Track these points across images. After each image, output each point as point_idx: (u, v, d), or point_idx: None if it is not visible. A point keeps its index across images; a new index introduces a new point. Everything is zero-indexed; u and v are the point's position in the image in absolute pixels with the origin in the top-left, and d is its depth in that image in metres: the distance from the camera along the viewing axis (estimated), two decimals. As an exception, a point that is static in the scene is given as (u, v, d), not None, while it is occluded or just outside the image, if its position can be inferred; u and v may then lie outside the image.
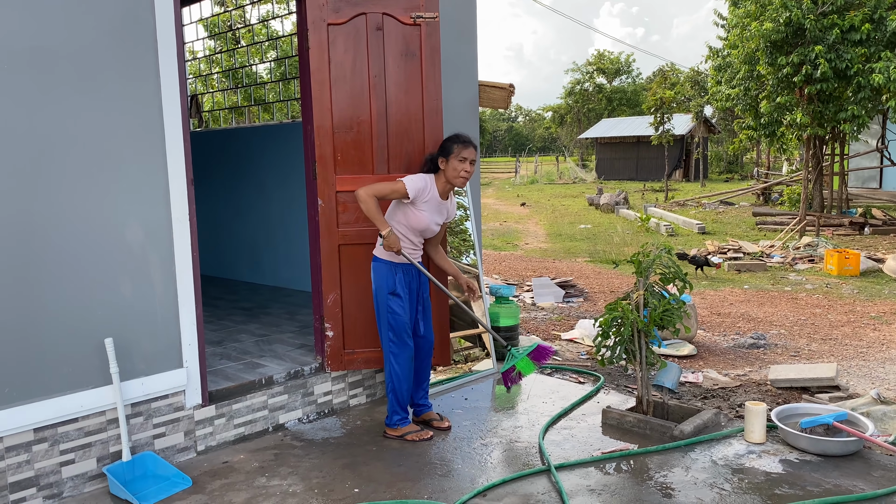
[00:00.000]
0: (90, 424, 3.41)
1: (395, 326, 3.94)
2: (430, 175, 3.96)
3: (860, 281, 9.31)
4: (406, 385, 4.02)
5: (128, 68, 3.44)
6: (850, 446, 3.68)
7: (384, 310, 3.95)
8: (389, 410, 4.04)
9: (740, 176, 34.81)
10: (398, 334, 3.95)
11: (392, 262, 3.93)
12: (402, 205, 3.90)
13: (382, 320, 3.98)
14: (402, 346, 3.97)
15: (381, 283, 3.95)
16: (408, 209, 3.89)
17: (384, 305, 3.94)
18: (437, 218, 3.97)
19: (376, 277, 3.98)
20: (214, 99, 9.85)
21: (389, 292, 3.92)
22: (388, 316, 3.94)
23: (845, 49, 12.90)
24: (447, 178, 3.92)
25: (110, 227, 3.42)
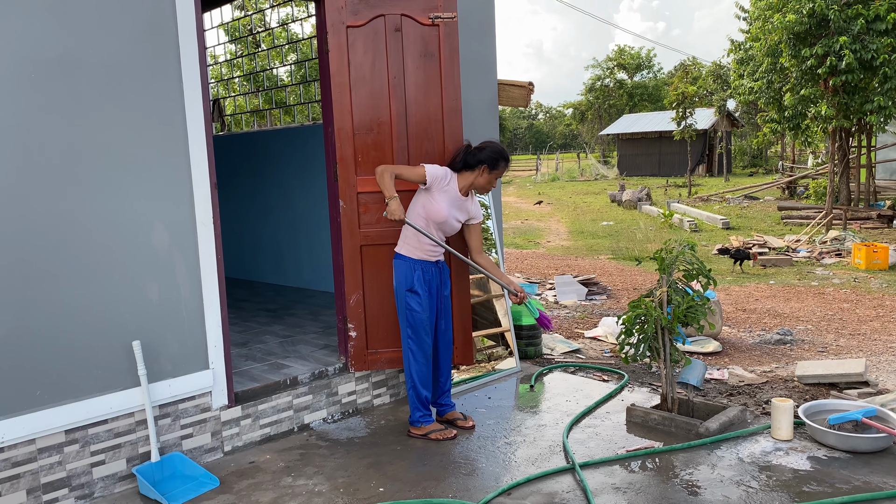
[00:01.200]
0: (119, 426, 3.47)
1: (414, 323, 3.96)
2: (451, 171, 3.99)
3: (889, 275, 9.16)
4: (426, 382, 4.04)
5: (151, 75, 3.49)
6: (879, 443, 3.63)
7: (402, 307, 3.98)
8: (411, 408, 4.06)
9: (765, 170, 34.40)
10: (416, 331, 3.97)
11: (412, 259, 3.95)
12: (422, 194, 3.94)
13: (402, 317, 4.01)
14: (421, 344, 3.99)
15: (400, 280, 3.98)
16: (427, 198, 3.92)
17: (402, 302, 3.98)
18: (456, 213, 3.98)
19: (396, 274, 4.02)
20: (236, 102, 9.95)
21: (408, 289, 3.95)
22: (406, 313, 3.97)
23: (870, 39, 12.71)
24: (476, 183, 3.99)
25: (136, 230, 3.47)
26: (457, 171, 3.99)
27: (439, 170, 3.94)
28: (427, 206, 3.92)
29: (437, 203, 3.91)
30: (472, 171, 3.97)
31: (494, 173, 3.98)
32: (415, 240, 3.96)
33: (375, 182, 4.24)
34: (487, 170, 3.95)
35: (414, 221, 3.92)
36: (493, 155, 3.95)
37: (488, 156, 3.95)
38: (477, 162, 3.95)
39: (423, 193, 3.95)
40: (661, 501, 3.21)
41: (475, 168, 3.96)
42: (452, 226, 4.01)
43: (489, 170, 3.96)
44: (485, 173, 3.96)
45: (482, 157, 3.95)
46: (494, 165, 3.96)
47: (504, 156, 3.99)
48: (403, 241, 4.01)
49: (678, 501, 3.20)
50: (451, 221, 3.98)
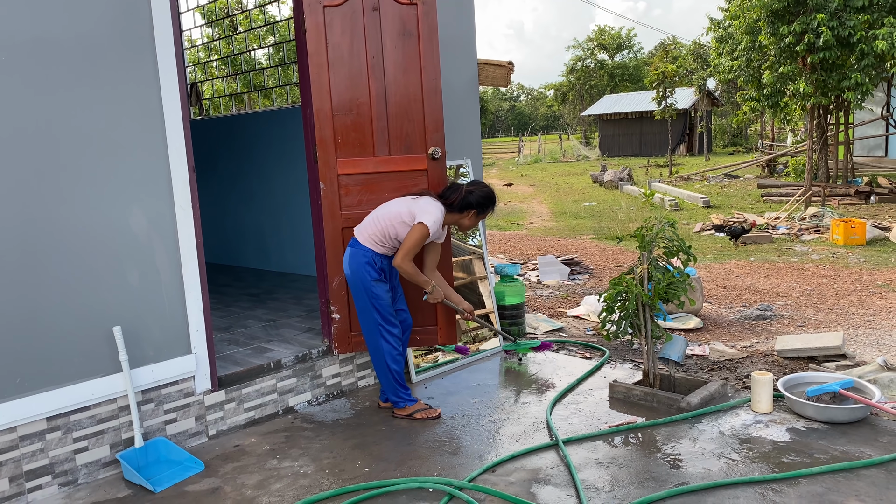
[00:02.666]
0: (102, 412, 3.45)
1: (382, 309, 3.95)
2: (443, 208, 3.96)
3: (866, 250, 9.28)
4: (401, 365, 4.05)
5: (125, 57, 3.44)
6: (856, 413, 3.70)
7: (368, 296, 3.92)
8: (389, 393, 4.07)
9: (745, 148, 34.62)
10: (385, 317, 3.97)
11: (374, 252, 3.91)
12: (405, 220, 3.88)
13: (366, 307, 3.94)
14: (393, 326, 4.00)
15: (363, 271, 3.90)
16: (406, 229, 3.86)
17: (368, 293, 3.91)
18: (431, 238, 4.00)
19: (356, 264, 3.92)
20: (214, 86, 9.83)
21: (374, 279, 3.91)
22: (374, 302, 3.92)
23: (848, 16, 12.78)
24: (461, 224, 4.05)
25: (114, 216, 3.44)
26: (452, 210, 3.99)
27: (437, 218, 3.87)
28: (401, 233, 3.87)
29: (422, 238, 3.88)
30: (459, 213, 4.00)
31: (482, 216, 4.07)
32: (384, 238, 3.89)
33: (356, 164, 4.24)
34: (475, 214, 4.01)
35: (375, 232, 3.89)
36: (483, 200, 4.00)
37: (478, 200, 3.98)
38: (466, 205, 3.98)
39: (406, 223, 3.87)
40: (643, 475, 3.25)
41: (464, 211, 4.00)
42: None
43: (477, 214, 4.02)
44: (473, 217, 4.02)
45: (472, 200, 3.97)
46: (483, 210, 4.05)
47: (493, 200, 4.06)
48: (366, 230, 3.93)
49: (660, 475, 3.25)
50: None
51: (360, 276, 3.92)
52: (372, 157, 4.25)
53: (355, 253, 3.94)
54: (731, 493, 3.05)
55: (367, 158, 4.25)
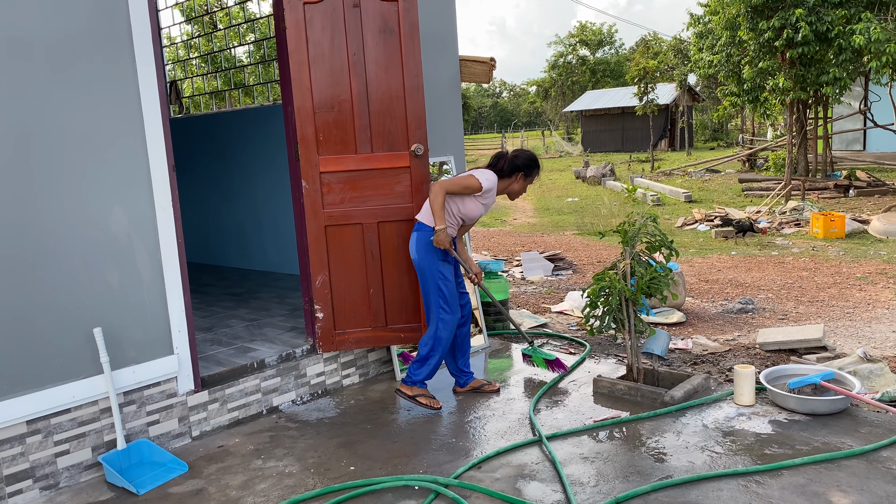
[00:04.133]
0: (83, 414, 3.41)
1: (447, 293, 4.02)
2: (496, 176, 4.08)
3: (846, 243, 9.39)
4: (444, 355, 4.12)
5: (102, 55, 3.40)
6: (837, 404, 3.74)
7: (435, 276, 4.00)
8: (415, 371, 4.09)
9: (725, 143, 34.87)
10: (449, 301, 4.03)
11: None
12: (467, 196, 4.01)
13: (432, 287, 4.02)
14: (453, 314, 4.05)
15: (430, 251, 4.00)
16: (468, 199, 4.01)
17: (435, 272, 4.00)
18: (485, 210, 4.15)
19: (423, 245, 4.00)
20: (194, 84, 9.76)
21: (441, 259, 4.01)
22: (440, 283, 4.00)
23: (825, 11, 12.89)
24: (512, 188, 4.14)
25: (93, 216, 3.40)
26: (502, 176, 4.09)
27: (492, 179, 4.03)
28: (467, 204, 4.03)
29: (477, 206, 4.05)
30: (509, 177, 4.11)
31: (529, 180, 4.15)
32: (446, 213, 4.01)
33: (338, 161, 4.22)
34: (523, 177, 4.11)
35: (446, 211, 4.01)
36: (530, 163, 4.12)
37: (525, 163, 4.10)
38: (514, 168, 4.09)
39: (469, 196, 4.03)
40: (628, 469, 3.27)
41: (512, 175, 4.10)
42: (475, 220, 4.19)
43: (525, 177, 4.12)
44: (522, 182, 4.12)
45: (518, 163, 4.09)
46: (530, 174, 4.14)
47: (538, 164, 4.18)
48: (427, 211, 4.06)
49: (645, 469, 3.27)
50: (478, 218, 4.15)
51: (429, 258, 4.01)
52: (354, 155, 4.23)
53: (420, 236, 4.02)
54: (715, 486, 3.07)
55: (350, 156, 4.23)
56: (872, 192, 13.78)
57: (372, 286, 4.37)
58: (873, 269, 7.66)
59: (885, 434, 3.45)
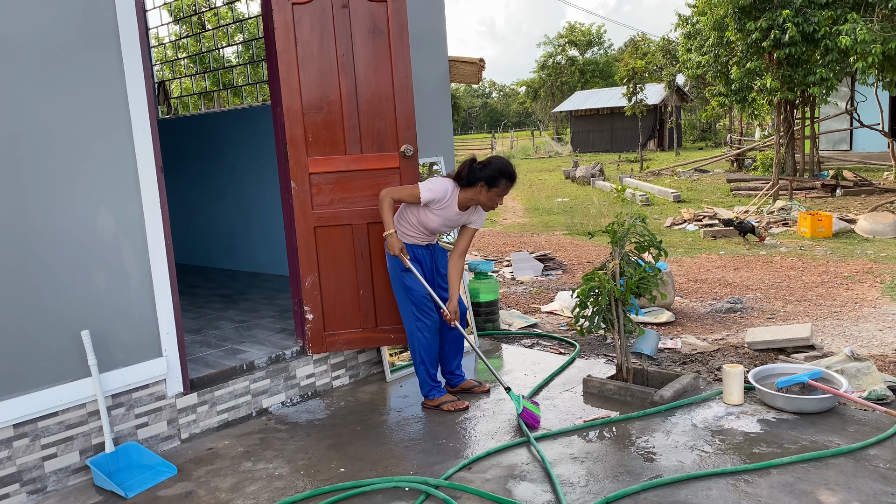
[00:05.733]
0: (71, 417, 3.39)
1: (415, 300, 4.02)
2: (455, 185, 3.92)
3: (833, 242, 9.45)
4: (434, 355, 4.13)
5: (89, 56, 3.37)
6: (825, 403, 3.76)
7: (399, 286, 4.05)
8: (421, 384, 4.15)
9: (714, 143, 35.04)
10: (419, 307, 4.03)
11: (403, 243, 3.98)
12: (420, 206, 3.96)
13: (401, 296, 4.07)
14: (427, 317, 4.05)
15: (393, 261, 4.03)
16: (421, 210, 3.96)
17: (399, 283, 4.04)
18: (449, 223, 4.01)
19: (389, 257, 4.05)
20: (183, 85, 9.71)
21: (402, 269, 3.99)
22: (405, 293, 4.03)
23: (812, 12, 12.98)
24: (478, 200, 3.92)
25: (80, 217, 3.37)
26: (461, 186, 3.92)
27: (439, 190, 3.87)
28: (420, 214, 3.97)
29: (431, 217, 3.95)
30: (472, 187, 3.88)
31: (494, 191, 3.86)
32: (407, 225, 4.01)
33: (328, 162, 4.21)
34: (486, 187, 3.85)
35: (406, 216, 4.00)
36: (493, 173, 3.82)
37: (488, 174, 3.82)
38: (476, 180, 3.85)
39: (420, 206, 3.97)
40: (618, 469, 3.28)
41: (474, 185, 3.87)
42: (444, 232, 4.11)
43: (487, 188, 3.85)
44: (483, 191, 3.86)
45: (482, 175, 3.83)
46: (493, 184, 3.84)
47: (505, 172, 3.85)
48: (396, 224, 4.02)
49: (635, 468, 3.27)
50: (443, 229, 4.06)
51: (392, 267, 4.04)
52: (343, 156, 4.22)
53: (387, 245, 4.00)
54: (704, 485, 3.08)
55: (339, 157, 4.22)
56: (859, 191, 13.88)
57: (362, 287, 4.36)
58: (860, 268, 7.72)
59: (872, 432, 3.48)
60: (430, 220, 3.97)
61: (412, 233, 4.04)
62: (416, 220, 3.99)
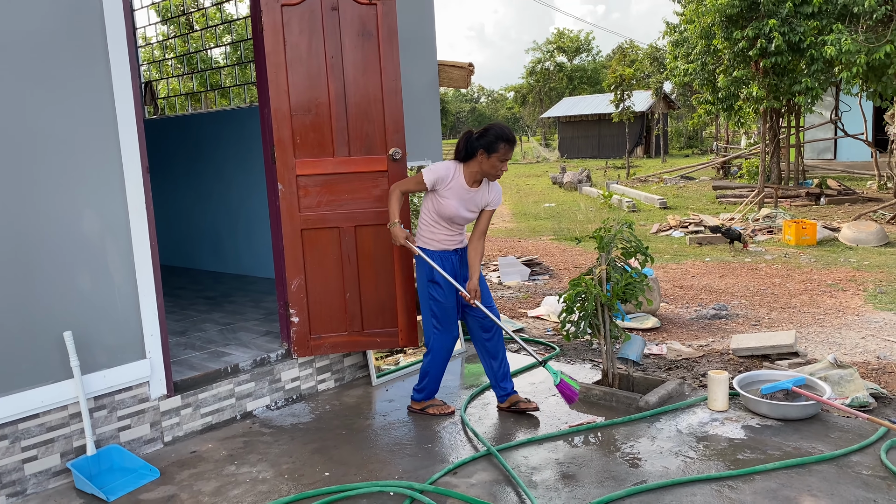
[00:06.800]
0: (52, 420, 3.35)
1: (438, 313, 3.95)
2: (456, 163, 3.85)
3: (817, 250, 9.53)
4: (441, 370, 4.08)
5: (76, 55, 3.34)
6: (808, 410, 3.79)
7: (426, 297, 3.98)
8: (418, 388, 4.11)
9: (700, 151, 35.28)
10: (441, 321, 3.96)
11: (429, 251, 3.90)
12: (430, 193, 3.87)
13: (425, 307, 4.00)
14: (446, 333, 3.99)
15: (420, 272, 3.99)
16: (435, 198, 3.85)
17: (425, 293, 3.98)
18: (465, 204, 3.85)
19: (417, 266, 4.03)
20: (170, 85, 9.65)
21: (428, 280, 3.93)
22: (430, 303, 3.96)
23: (798, 22, 13.11)
24: (482, 170, 3.80)
25: (65, 218, 3.34)
26: (461, 161, 3.83)
27: (440, 169, 3.80)
28: (435, 203, 3.86)
29: (445, 201, 3.82)
30: (473, 159, 3.79)
31: (495, 156, 3.72)
32: (427, 231, 3.92)
33: (315, 164, 4.19)
34: (485, 154, 3.73)
35: (426, 216, 3.92)
36: (491, 138, 3.71)
37: (486, 140, 3.72)
38: (474, 149, 3.76)
39: (431, 193, 3.87)
40: (603, 474, 3.28)
41: (475, 156, 3.77)
42: (465, 217, 3.89)
43: (487, 154, 3.73)
44: (484, 159, 3.75)
45: (479, 143, 3.74)
46: (492, 149, 3.71)
47: (503, 136, 3.72)
48: (419, 234, 3.97)
49: (620, 474, 3.28)
50: (462, 214, 3.86)
51: (420, 274, 4.00)
52: (331, 158, 4.21)
53: (417, 256, 3.94)
54: (689, 491, 3.09)
55: (327, 159, 4.21)
56: (843, 200, 14.01)
57: (348, 290, 4.35)
58: (843, 276, 7.78)
59: (855, 439, 3.50)
60: (446, 206, 3.81)
61: (437, 231, 3.89)
62: (434, 213, 3.86)
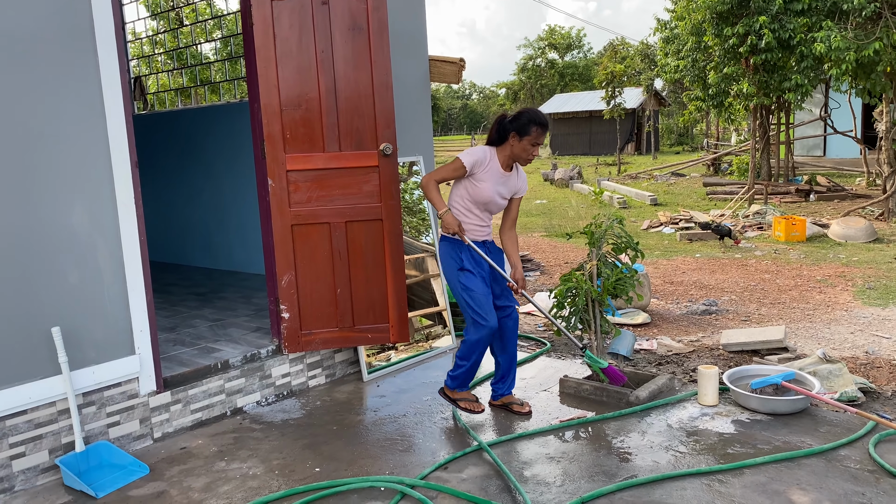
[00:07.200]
0: (40, 416, 3.33)
1: (476, 301, 3.71)
2: (490, 147, 3.80)
3: (806, 246, 9.58)
4: (478, 361, 3.87)
5: (64, 50, 3.32)
6: (797, 404, 3.81)
7: (459, 288, 3.77)
8: (452, 376, 3.93)
9: (691, 147, 35.39)
10: (480, 309, 3.71)
11: (458, 240, 3.79)
12: (465, 179, 3.78)
13: (459, 298, 3.78)
14: (484, 320, 3.72)
15: (449, 263, 3.81)
16: (470, 183, 3.75)
17: (457, 282, 3.77)
18: (500, 189, 3.79)
19: (443, 256, 3.84)
20: (159, 81, 9.60)
21: (459, 269, 3.77)
22: (464, 294, 3.74)
23: (788, 19, 13.15)
24: (513, 153, 3.75)
25: (53, 213, 3.32)
26: (494, 145, 3.78)
27: (477, 152, 3.74)
28: (470, 189, 3.76)
29: (482, 185, 3.73)
30: (506, 142, 3.74)
31: (527, 139, 3.67)
32: (460, 214, 3.80)
33: (306, 159, 4.17)
34: (517, 137, 3.68)
35: (457, 205, 3.80)
36: (525, 121, 3.67)
37: (520, 123, 3.68)
38: (507, 132, 3.72)
39: (465, 179, 3.77)
40: (594, 469, 3.29)
41: (507, 139, 3.73)
42: (498, 204, 3.83)
43: (519, 137, 3.68)
44: (516, 142, 3.69)
45: (512, 126, 3.70)
46: (525, 132, 3.67)
47: (536, 119, 3.68)
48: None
49: (610, 468, 3.29)
50: (497, 200, 3.80)
51: (447, 268, 3.82)
52: (322, 153, 4.20)
53: (441, 246, 3.85)
54: (679, 485, 3.10)
55: (317, 154, 4.19)
56: (832, 196, 14.09)
57: (339, 286, 4.33)
58: (833, 272, 7.83)
59: (844, 433, 3.52)
60: (483, 190, 3.73)
61: (469, 220, 3.80)
62: (468, 200, 3.76)
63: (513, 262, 3.90)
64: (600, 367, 3.81)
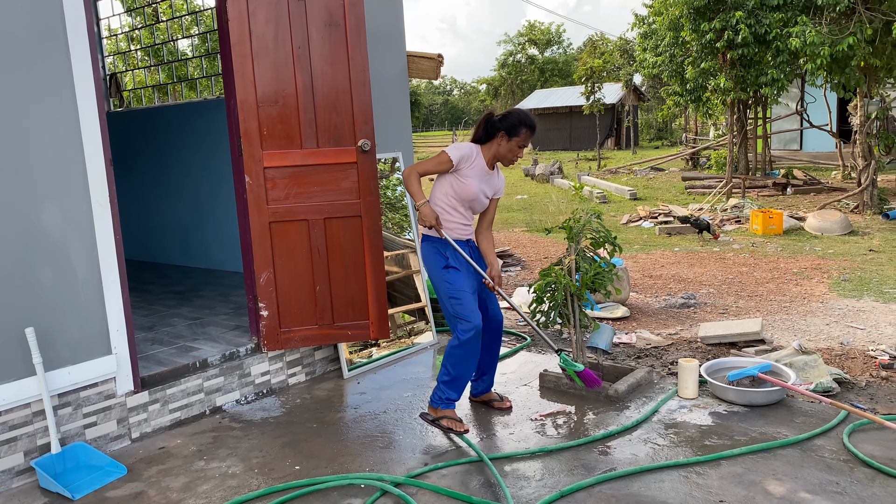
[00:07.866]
0: (14, 418, 3.28)
1: (461, 298, 3.62)
2: (476, 145, 3.77)
3: (783, 239, 9.68)
4: (471, 369, 3.74)
5: (34, 45, 3.27)
6: (774, 396, 3.85)
7: (443, 286, 3.67)
8: (444, 390, 3.73)
9: (669, 142, 35.62)
10: (464, 308, 3.61)
11: (441, 239, 3.73)
12: (450, 175, 3.72)
13: (444, 297, 3.68)
14: (470, 320, 3.60)
15: (432, 262, 3.73)
16: (455, 179, 3.70)
17: (442, 282, 3.68)
18: (485, 188, 3.76)
19: (426, 257, 3.77)
20: (136, 77, 9.49)
21: (443, 267, 3.69)
22: (448, 289, 3.65)
23: (764, 14, 13.26)
24: (499, 153, 3.73)
25: (24, 211, 3.27)
26: (480, 143, 3.75)
27: (464, 148, 3.68)
28: (455, 185, 3.70)
29: (468, 181, 3.69)
30: (491, 141, 3.72)
31: (515, 141, 3.67)
32: (442, 210, 3.73)
33: (283, 156, 4.15)
34: (506, 137, 3.67)
35: (440, 202, 3.74)
36: (514, 122, 3.66)
37: (509, 123, 3.67)
38: (495, 131, 3.70)
39: (450, 174, 3.72)
40: (573, 463, 3.30)
41: (494, 137, 3.71)
42: (482, 202, 3.79)
43: (507, 137, 3.67)
44: (503, 142, 3.68)
45: (501, 125, 3.68)
46: (514, 132, 3.66)
47: (526, 122, 3.68)
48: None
49: (589, 462, 3.31)
50: (481, 198, 3.76)
51: (430, 266, 3.74)
52: (299, 150, 4.17)
53: (421, 247, 3.80)
54: (657, 477, 3.13)
55: (295, 151, 4.17)
56: (808, 190, 14.25)
57: (318, 283, 4.32)
58: (809, 264, 7.92)
59: (818, 423, 3.57)
60: (469, 186, 3.68)
61: (452, 218, 3.74)
62: (453, 197, 3.70)
63: (489, 260, 3.87)
64: (575, 371, 3.79)
